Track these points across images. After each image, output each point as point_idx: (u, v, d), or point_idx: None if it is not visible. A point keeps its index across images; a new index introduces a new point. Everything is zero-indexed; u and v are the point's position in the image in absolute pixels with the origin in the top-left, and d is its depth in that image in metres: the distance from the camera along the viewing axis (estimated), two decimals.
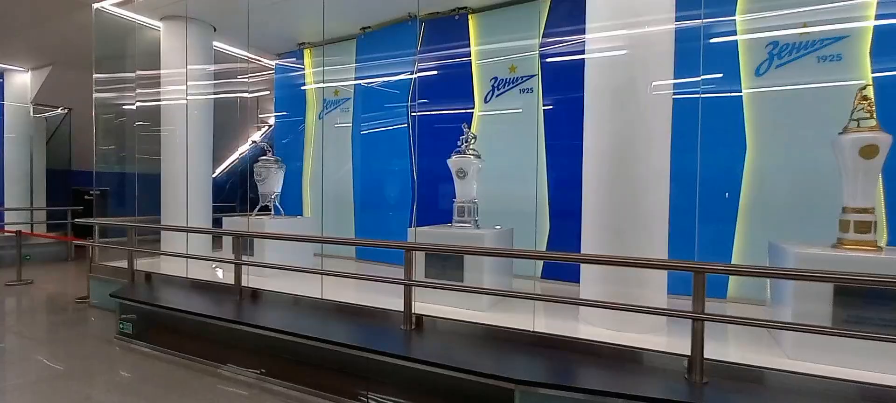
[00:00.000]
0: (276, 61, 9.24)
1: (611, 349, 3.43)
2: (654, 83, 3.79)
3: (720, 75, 4.88)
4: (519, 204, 5.67)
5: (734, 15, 4.84)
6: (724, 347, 3.59)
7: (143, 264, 6.54)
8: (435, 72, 6.95)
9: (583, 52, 4.20)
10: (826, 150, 3.54)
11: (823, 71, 4.46)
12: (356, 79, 7.93)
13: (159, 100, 7.44)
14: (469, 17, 6.60)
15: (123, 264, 6.22)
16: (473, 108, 6.59)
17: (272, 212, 6.55)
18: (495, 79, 6.43)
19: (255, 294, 5.09)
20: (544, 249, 5.92)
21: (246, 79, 8.85)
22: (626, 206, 3.85)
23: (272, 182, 6.45)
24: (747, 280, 4.80)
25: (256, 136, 11.03)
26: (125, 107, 7.84)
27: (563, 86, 5.85)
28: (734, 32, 4.85)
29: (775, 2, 4.67)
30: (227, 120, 9.22)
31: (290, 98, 9.03)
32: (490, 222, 5.28)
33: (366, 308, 4.46)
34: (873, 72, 4.28)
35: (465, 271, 4.48)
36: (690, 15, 4.38)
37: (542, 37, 6.02)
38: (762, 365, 3.09)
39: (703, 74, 4.69)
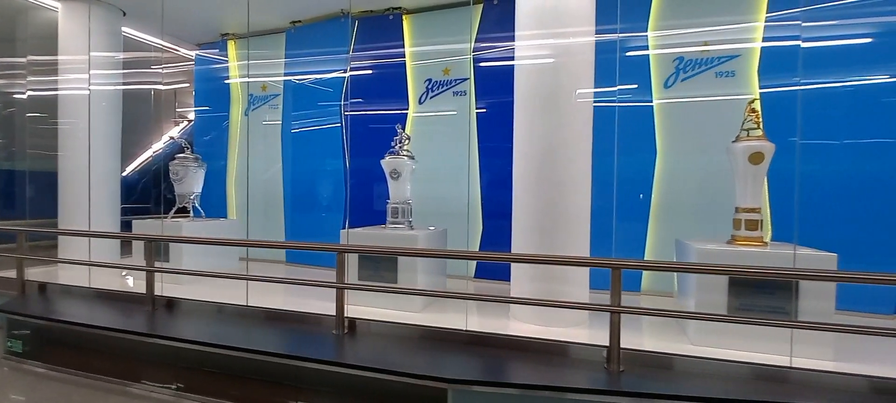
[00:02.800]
0: (196, 52, 8.61)
1: (539, 344, 3.59)
2: (578, 91, 4.02)
3: (635, 86, 5.31)
4: (453, 205, 5.77)
5: (647, 31, 5.28)
6: (639, 337, 3.90)
7: (35, 273, 5.80)
8: (369, 72, 6.85)
9: (513, 58, 4.35)
10: (724, 156, 3.97)
11: (720, 85, 5.03)
12: (286, 74, 7.60)
13: (57, 89, 6.64)
14: (403, 17, 6.59)
15: (12, 274, 5.48)
16: (408, 109, 6.58)
17: (191, 214, 6.10)
18: (429, 80, 6.48)
19: (171, 303, 4.72)
20: (477, 249, 6.06)
21: (160, 70, 8.16)
22: (552, 207, 4.05)
23: (191, 181, 6.00)
24: (658, 273, 5.25)
25: (174, 132, 10.19)
26: (15, 96, 6.92)
27: (496, 89, 6.02)
28: (647, 47, 5.30)
29: (681, 21, 5.17)
30: (139, 113, 8.46)
31: (212, 92, 8.45)
32: (424, 223, 5.31)
33: (296, 313, 4.30)
34: (760, 87, 4.90)
35: (399, 272, 4.47)
36: (608, 29, 4.70)
37: (475, 41, 6.15)
38: (671, 352, 3.39)
39: (620, 85, 5.07)
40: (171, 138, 9.88)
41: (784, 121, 4.32)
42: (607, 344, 3.24)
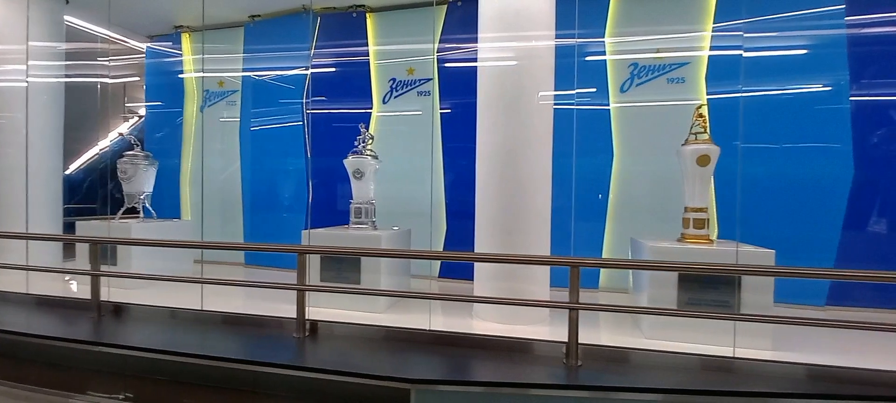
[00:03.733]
0: (147, 44, 8.19)
1: (501, 342, 3.65)
2: (540, 93, 4.12)
3: (594, 90, 5.49)
4: (417, 205, 5.77)
5: (604, 37, 5.48)
6: (597, 332, 4.03)
7: None
8: (332, 70, 6.74)
9: (476, 60, 4.40)
10: (675, 158, 4.17)
11: (672, 90, 5.29)
12: (245, 70, 7.36)
13: None
14: (367, 15, 6.52)
15: None
16: (372, 108, 6.52)
17: (141, 215, 5.81)
18: (394, 80, 6.44)
19: (119, 309, 4.48)
20: (441, 249, 6.08)
21: (107, 63, 7.72)
22: (514, 207, 4.12)
23: (141, 180, 5.71)
24: (615, 270, 5.45)
25: (123, 128, 9.65)
26: None
27: (459, 90, 6.06)
28: (604, 52, 5.49)
29: (636, 28, 5.39)
30: (84, 108, 7.95)
31: (165, 87, 8.07)
32: (388, 223, 5.28)
33: (255, 317, 4.17)
34: (708, 93, 5.18)
35: (362, 273, 4.43)
36: (568, 33, 4.84)
37: (439, 41, 6.17)
38: (626, 346, 3.53)
39: (578, 88, 5.23)
40: (120, 134, 9.35)
41: (729, 125, 4.58)
42: (566, 340, 3.33)
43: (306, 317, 3.85)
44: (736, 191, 4.33)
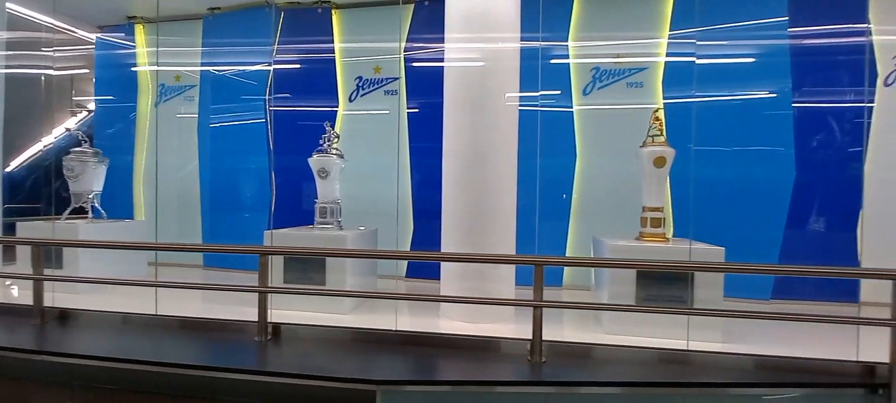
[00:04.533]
0: (97, 35, 7.75)
1: (467, 340, 3.68)
2: (506, 95, 4.18)
3: (558, 92, 5.63)
4: (384, 204, 5.72)
5: (567, 41, 5.62)
6: (560, 328, 4.13)
7: None
8: (296, 66, 6.60)
9: (443, 60, 4.42)
10: (634, 160, 4.32)
11: (631, 94, 5.50)
12: (203, 64, 7.09)
13: None
14: (332, 12, 6.42)
15: None
16: (338, 107, 6.43)
17: (90, 215, 5.50)
18: (360, 78, 6.37)
19: (65, 315, 4.22)
20: (408, 249, 6.07)
21: (52, 53, 7.25)
22: (480, 207, 4.17)
23: (89, 179, 5.41)
24: (578, 267, 5.60)
25: (71, 123, 9.08)
26: None
27: (427, 90, 6.06)
28: (567, 56, 5.64)
29: (597, 33, 5.57)
30: (27, 101, 7.44)
31: (117, 80, 7.66)
32: (355, 223, 5.22)
33: (214, 321, 4.03)
34: (664, 98, 5.41)
35: (328, 274, 4.36)
36: (532, 36, 4.93)
37: (406, 40, 6.15)
38: (588, 342, 3.63)
39: (542, 90, 5.34)
40: (67, 130, 8.80)
41: (684, 129, 4.80)
42: (530, 338, 3.40)
43: (268, 320, 3.75)
44: (690, 191, 4.54)
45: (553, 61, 5.63)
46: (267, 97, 6.63)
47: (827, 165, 5.13)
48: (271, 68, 6.59)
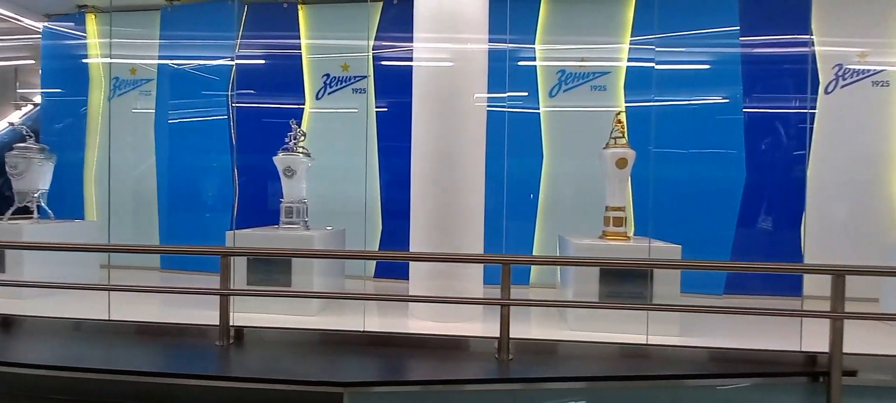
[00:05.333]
0: (44, 24, 7.28)
1: (435, 340, 3.69)
2: (475, 95, 4.22)
3: (526, 93, 5.73)
4: (352, 204, 5.66)
5: (534, 43, 5.74)
6: (528, 326, 4.21)
7: None
8: (261, 62, 6.42)
9: (411, 59, 4.41)
10: (597, 161, 4.46)
11: (594, 97, 5.69)
12: (161, 58, 6.79)
13: None
14: (299, 7, 6.28)
15: None
16: (304, 105, 6.30)
17: (35, 215, 5.18)
18: (327, 76, 6.28)
19: (9, 322, 3.96)
20: (377, 248, 6.03)
21: None
22: (449, 206, 4.19)
23: (34, 176, 5.10)
24: (544, 266, 5.72)
25: (14, 117, 8.51)
26: None
27: (396, 89, 6.02)
28: (534, 58, 5.75)
29: (563, 37, 5.72)
30: None
31: (66, 72, 7.23)
32: (322, 223, 5.14)
33: (172, 326, 3.88)
34: (626, 101, 5.62)
35: (293, 275, 4.28)
36: (500, 38, 5.00)
37: (375, 38, 6.10)
38: (554, 339, 3.71)
39: (510, 92, 5.43)
40: (10, 124, 8.24)
41: (644, 131, 4.98)
42: (498, 336, 3.44)
43: (231, 324, 3.64)
44: (649, 191, 4.73)
45: (520, 63, 5.73)
46: (229, 93, 6.42)
47: (774, 167, 5.48)
48: (234, 63, 6.39)
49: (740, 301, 5.09)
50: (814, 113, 5.44)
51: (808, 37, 5.30)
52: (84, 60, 7.14)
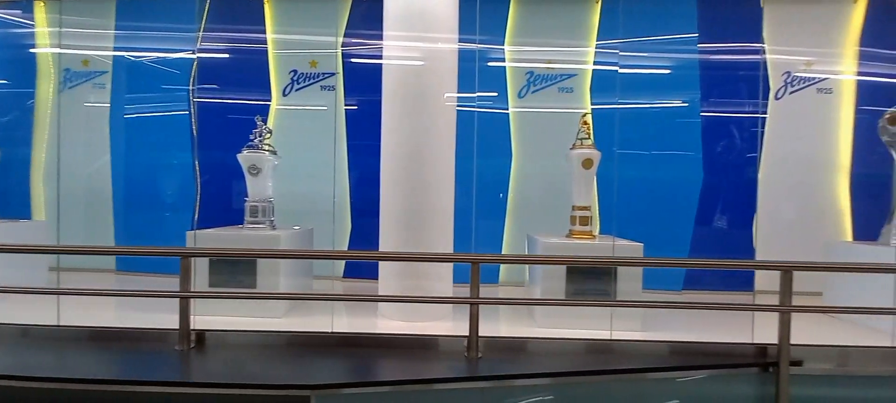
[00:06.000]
0: None
1: (405, 340, 3.68)
2: (446, 94, 4.23)
3: (495, 94, 5.81)
4: (321, 203, 5.56)
5: (504, 44, 5.82)
6: (497, 324, 4.27)
7: None
8: (225, 56, 6.22)
9: (381, 57, 4.38)
10: (564, 161, 4.56)
11: (562, 99, 5.83)
12: (117, 49, 6.46)
13: None
14: (264, 1, 6.12)
15: None
16: (271, 101, 6.15)
17: None
18: (295, 72, 6.14)
19: None
20: (346, 248, 5.96)
21: None
22: (419, 205, 4.19)
23: None
24: (513, 265, 5.81)
25: None
26: None
27: (366, 87, 5.95)
28: (503, 59, 5.83)
29: (531, 39, 5.82)
30: None
31: (11, 63, 6.77)
32: (289, 222, 5.04)
33: (128, 331, 3.71)
34: (592, 103, 5.78)
35: (259, 276, 4.17)
36: (470, 38, 5.03)
37: (345, 35, 6.02)
38: (522, 336, 3.77)
39: (480, 92, 5.48)
40: None
41: (609, 132, 5.13)
42: (467, 334, 3.47)
43: (191, 327, 3.52)
44: (614, 191, 4.89)
45: (490, 64, 5.79)
46: (191, 87, 6.19)
47: (728, 169, 5.77)
48: (196, 56, 6.16)
49: (698, 296, 5.32)
50: (765, 117, 5.77)
51: (760, 45, 5.60)
52: (31, 50, 6.71)
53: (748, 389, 3.37)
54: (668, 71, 5.76)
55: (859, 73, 5.73)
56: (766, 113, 5.77)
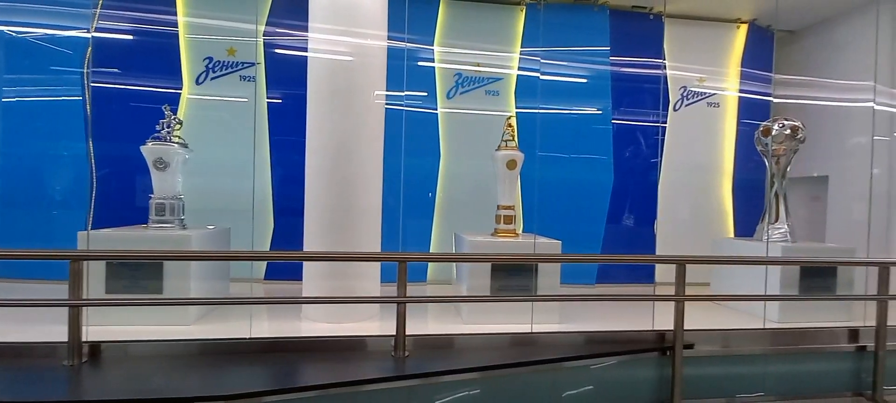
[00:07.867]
0: None
1: (330, 342, 3.59)
2: (375, 92, 4.17)
3: (425, 93, 5.85)
4: (239, 201, 5.23)
5: (433, 45, 5.88)
6: (425, 322, 4.30)
7: None
8: (128, 37, 5.61)
9: (307, 50, 4.22)
10: (491, 161, 4.71)
11: (489, 101, 6.04)
12: None
13: None
14: None
15: None
16: (181, 89, 5.66)
17: None
18: (210, 59, 5.71)
19: None
20: (268, 249, 5.66)
21: None
22: (345, 204, 4.10)
23: None
24: (441, 263, 5.90)
25: None
26: None
27: (290, 80, 5.71)
28: (433, 59, 5.89)
29: (460, 41, 5.96)
30: None
31: None
32: (203, 221, 4.68)
33: (11, 345, 3.23)
34: (517, 107, 6.05)
35: (166, 280, 3.83)
36: (399, 37, 5.02)
37: (267, 24, 5.70)
38: (449, 333, 3.84)
39: (409, 91, 5.50)
40: None
41: (531, 135, 5.40)
42: (394, 333, 3.47)
43: (84, 339, 3.15)
44: (535, 191, 5.16)
45: (420, 63, 5.83)
46: (85, 70, 5.51)
47: (635, 172, 6.36)
48: (91, 35, 5.50)
49: (608, 289, 5.78)
50: (666, 127, 6.43)
51: (661, 61, 6.23)
52: None
53: (649, 372, 3.74)
54: (584, 80, 6.20)
55: (741, 90, 6.58)
56: (666, 122, 6.43)
